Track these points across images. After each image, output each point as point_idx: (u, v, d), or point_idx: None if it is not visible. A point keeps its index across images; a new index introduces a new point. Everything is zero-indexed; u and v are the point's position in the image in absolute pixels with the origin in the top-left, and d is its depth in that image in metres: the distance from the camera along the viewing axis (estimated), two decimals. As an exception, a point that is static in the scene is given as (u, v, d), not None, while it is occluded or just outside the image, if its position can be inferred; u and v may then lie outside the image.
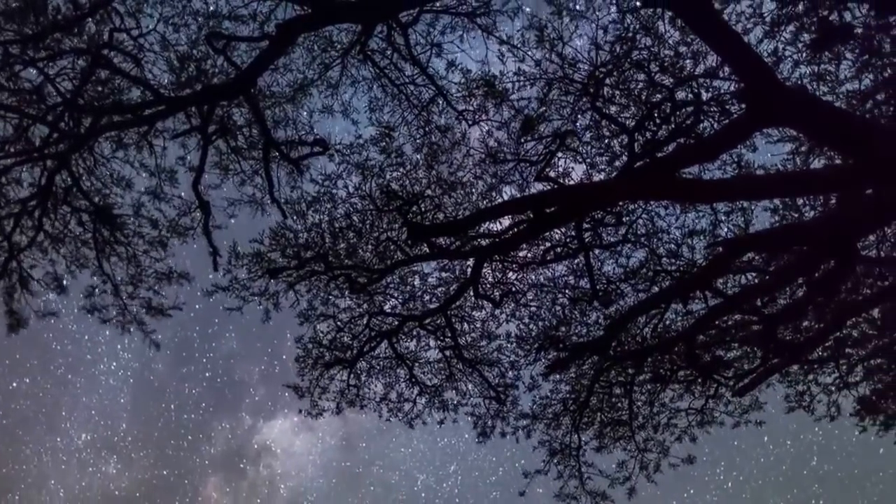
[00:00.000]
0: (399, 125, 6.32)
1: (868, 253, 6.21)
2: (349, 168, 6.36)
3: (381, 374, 7.57)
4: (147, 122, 6.09)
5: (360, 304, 7.19)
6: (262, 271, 6.93)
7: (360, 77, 6.18)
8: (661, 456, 7.53)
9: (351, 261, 6.81)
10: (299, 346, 7.38)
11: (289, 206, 6.55)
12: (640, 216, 6.44)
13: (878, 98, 5.61)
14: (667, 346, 6.82)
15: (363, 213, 6.61)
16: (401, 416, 7.74)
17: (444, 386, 7.57)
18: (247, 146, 6.45)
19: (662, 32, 5.52)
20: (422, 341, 7.40)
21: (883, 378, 6.84)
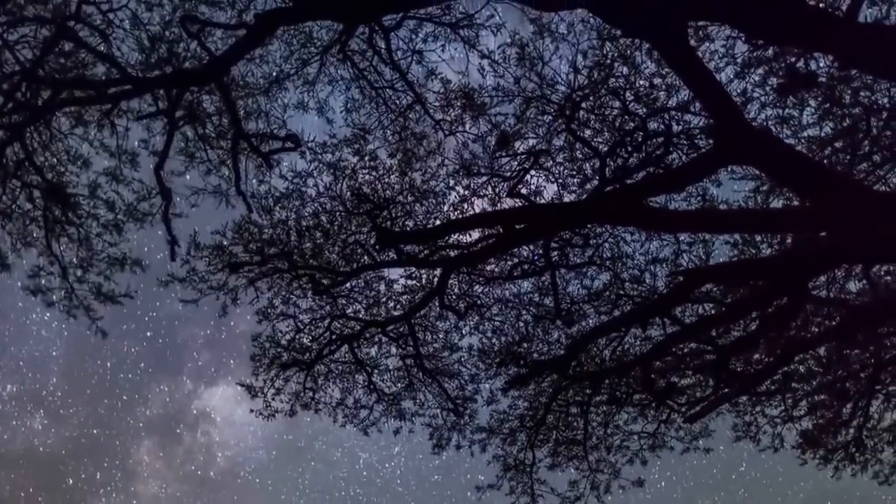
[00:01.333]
0: (375, 128, 6.28)
1: (818, 293, 6.46)
2: (320, 167, 6.27)
3: (339, 378, 7.43)
4: (111, 100, 5.87)
5: (322, 306, 7.06)
6: (223, 265, 6.74)
7: (338, 76, 6.12)
8: (611, 477, 7.61)
9: (316, 261, 6.68)
10: (256, 345, 7.20)
11: (255, 200, 6.39)
12: (606, 240, 6.54)
13: (836, 146, 5.86)
14: (624, 370, 6.92)
15: (332, 213, 6.51)
16: (356, 423, 7.61)
17: (402, 395, 7.49)
18: (215, 135, 6.28)
19: (639, 63, 5.66)
20: (383, 348, 7.31)
21: (825, 414, 7.10)
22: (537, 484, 7.58)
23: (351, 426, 7.54)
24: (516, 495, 7.63)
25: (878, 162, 5.95)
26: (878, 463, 7.33)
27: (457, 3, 5.57)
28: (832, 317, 6.47)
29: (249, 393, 7.43)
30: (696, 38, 5.57)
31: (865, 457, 7.28)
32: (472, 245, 6.41)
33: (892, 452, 7.25)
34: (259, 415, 7.58)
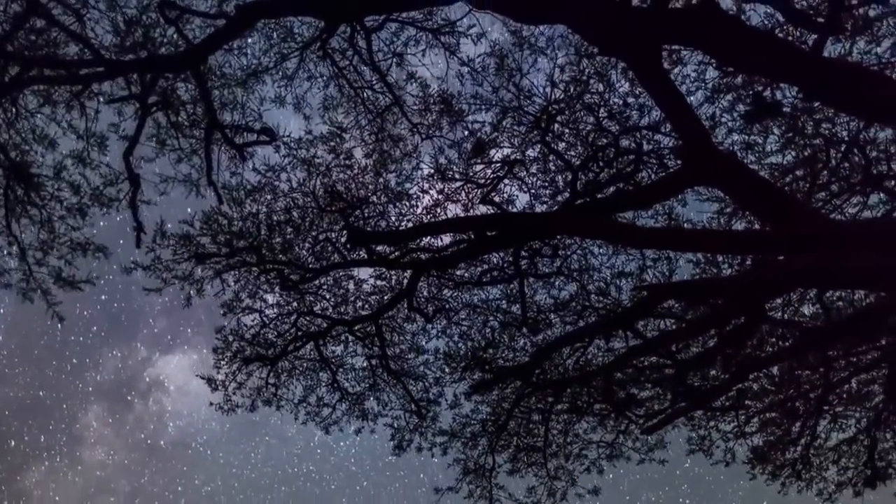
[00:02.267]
0: (351, 127, 6.28)
1: (774, 314, 6.69)
2: (295, 162, 6.24)
3: (303, 375, 7.39)
4: (82, 81, 5.74)
5: (289, 302, 7.02)
6: (189, 255, 6.65)
7: (317, 73, 6.11)
8: (568, 485, 7.72)
9: (285, 256, 6.65)
10: (219, 337, 7.11)
11: (226, 191, 6.33)
12: (574, 252, 6.66)
13: (796, 174, 6.09)
14: (586, 379, 7.04)
15: (304, 209, 6.49)
16: (318, 421, 7.57)
17: (365, 394, 7.48)
18: (188, 123, 6.19)
19: (614, 81, 5.80)
20: (349, 347, 7.30)
21: (775, 431, 7.34)
22: (496, 489, 7.65)
23: (312, 424, 7.50)
24: (475, 499, 7.69)
25: (835, 192, 6.20)
26: (823, 480, 7.61)
27: (439, 10, 5.63)
28: (786, 338, 6.69)
29: (210, 386, 7.34)
30: (670, 61, 5.73)
31: (811, 474, 7.55)
32: (444, 249, 6.47)
33: (836, 471, 7.55)
34: (219, 409, 7.51)
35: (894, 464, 7.40)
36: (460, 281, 6.85)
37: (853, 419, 7.24)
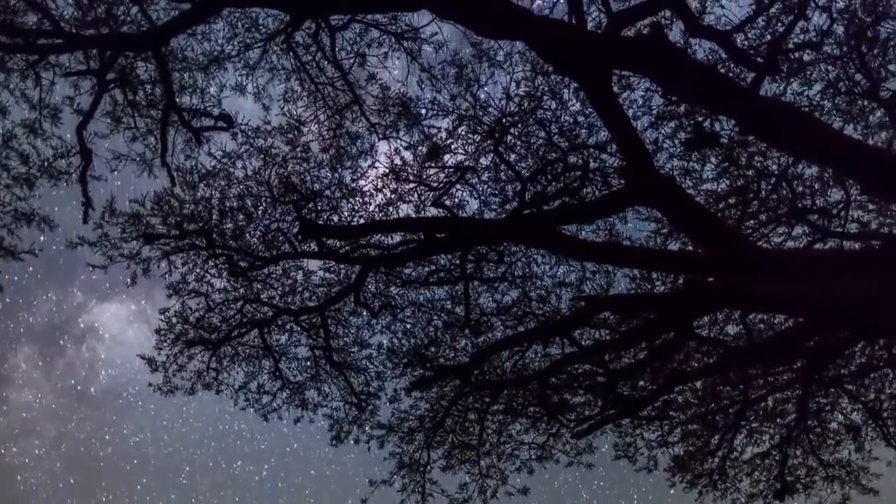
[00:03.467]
0: (310, 121, 6.36)
1: (701, 331, 7.08)
2: (251, 151, 6.29)
3: (246, 362, 7.43)
4: (39, 51, 5.67)
5: (236, 288, 7.05)
6: (138, 234, 6.62)
7: (280, 66, 6.17)
8: (499, 483, 7.99)
9: (235, 243, 6.68)
10: (162, 319, 7.09)
11: (179, 173, 6.33)
12: (519, 259, 6.91)
13: (729, 201, 6.48)
14: (522, 383, 7.31)
15: (257, 198, 6.54)
16: (257, 408, 7.63)
17: (307, 384, 7.57)
18: (146, 103, 6.17)
19: (566, 100, 6.06)
20: (293, 337, 7.38)
21: (696, 442, 7.77)
22: (429, 483, 7.85)
23: (251, 410, 7.55)
24: (407, 493, 7.88)
25: (763, 221, 6.63)
26: (736, 491, 8.10)
27: (404, 16, 5.78)
28: (710, 355, 7.10)
29: (150, 366, 7.31)
30: (619, 85, 6.02)
31: (726, 485, 8.02)
32: (393, 247, 6.61)
33: (749, 483, 8.04)
34: (158, 390, 7.48)
35: (802, 479, 7.93)
36: (407, 279, 7.01)
37: (767, 435, 7.73)
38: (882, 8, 5.48)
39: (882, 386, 7.22)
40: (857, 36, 5.56)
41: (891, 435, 7.39)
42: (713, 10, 5.54)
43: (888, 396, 7.25)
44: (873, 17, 5.55)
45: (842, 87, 5.82)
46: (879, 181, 5.67)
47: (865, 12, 5.53)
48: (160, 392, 7.52)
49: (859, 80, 5.74)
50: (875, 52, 5.67)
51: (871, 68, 5.67)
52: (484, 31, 5.69)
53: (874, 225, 6.45)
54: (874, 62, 5.70)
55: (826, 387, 7.27)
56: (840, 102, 5.96)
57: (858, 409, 7.38)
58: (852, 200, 6.30)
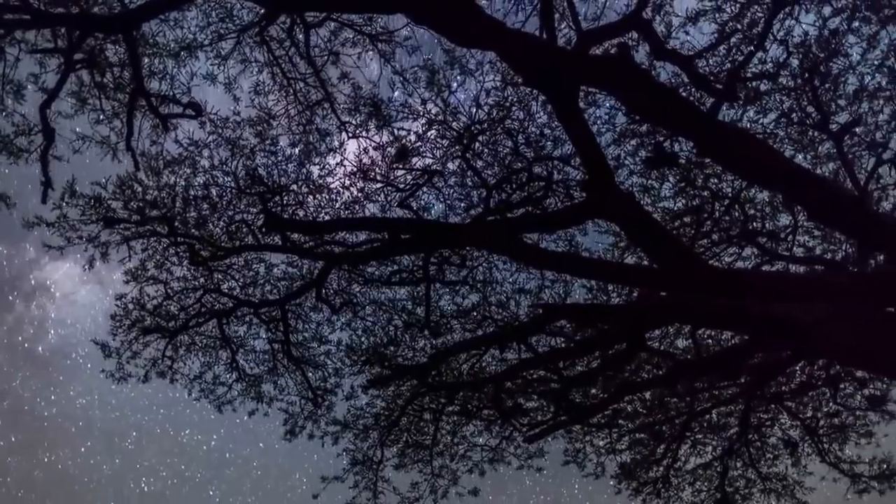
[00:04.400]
0: (280, 115, 6.36)
1: (652, 344, 7.32)
2: (219, 141, 6.26)
3: (202, 352, 7.38)
4: (5, 26, 5.55)
5: (196, 278, 7.00)
6: (98, 217, 6.52)
7: (252, 58, 6.16)
8: (450, 483, 8.10)
9: (197, 232, 6.63)
10: (118, 304, 7.00)
11: (144, 159, 6.26)
12: (481, 264, 7.03)
13: (684, 220, 6.72)
14: (478, 385, 7.43)
15: (223, 188, 6.51)
16: (211, 399, 7.58)
17: (263, 377, 7.55)
18: (113, 86, 6.09)
19: (534, 111, 6.21)
20: (252, 329, 7.36)
21: (642, 451, 8.02)
22: (381, 481, 7.91)
23: (206, 401, 7.50)
24: (359, 489, 7.93)
25: (715, 241, 6.89)
26: (679, 500, 8.37)
27: (379, 18, 5.83)
28: (660, 367, 7.34)
29: (103, 352, 7.20)
30: (586, 101, 6.19)
31: (669, 493, 8.29)
32: (357, 245, 6.67)
33: (691, 492, 8.32)
34: (110, 376, 7.37)
35: (741, 490, 8.25)
36: (370, 278, 7.07)
37: (710, 446, 8.02)
38: (834, 45, 5.77)
39: (819, 404, 7.57)
40: (810, 70, 5.84)
41: (825, 451, 7.75)
42: (678, 35, 5.75)
43: (824, 414, 7.61)
44: (826, 54, 5.84)
45: (794, 117, 6.10)
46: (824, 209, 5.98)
47: (819, 48, 5.81)
48: (113, 379, 7.41)
49: (811, 112, 6.03)
50: (826, 86, 5.96)
51: (822, 101, 5.96)
52: (457, 39, 5.79)
53: (818, 250, 6.77)
54: (825, 96, 5.99)
55: (767, 402, 7.58)
56: (792, 132, 6.24)
57: (796, 425, 7.73)
58: (799, 226, 6.61)
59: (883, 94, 5.89)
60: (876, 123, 6.04)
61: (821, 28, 5.65)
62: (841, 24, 5.64)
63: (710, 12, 5.57)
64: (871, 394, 7.23)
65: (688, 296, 6.45)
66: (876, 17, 5.63)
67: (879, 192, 6.24)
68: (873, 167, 6.09)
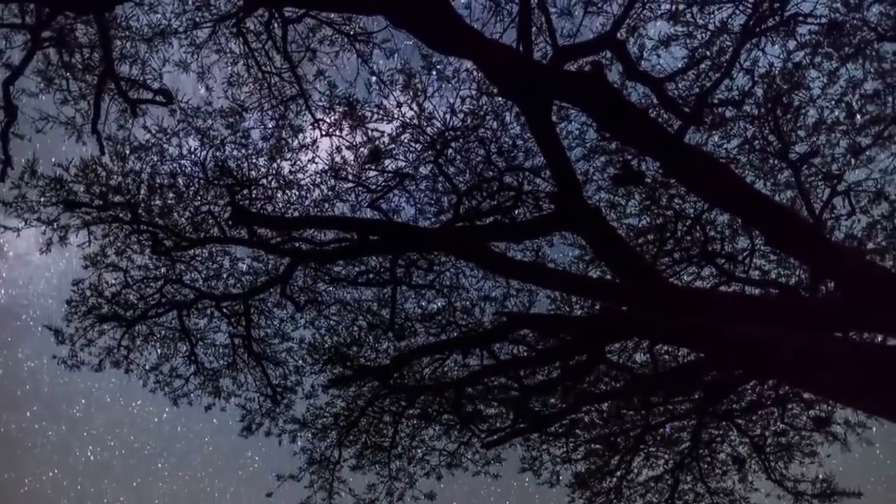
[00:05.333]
0: (253, 108, 6.31)
1: (611, 356, 7.46)
2: (189, 130, 6.17)
3: (160, 343, 7.24)
4: (-32, -3, 5.39)
5: (158, 267, 6.87)
6: (59, 199, 6.36)
7: (227, 49, 6.09)
8: (407, 486, 8.10)
9: (162, 221, 6.52)
10: (75, 290, 6.82)
11: (110, 143, 6.13)
12: (448, 269, 7.08)
13: (647, 237, 6.88)
14: (439, 390, 7.46)
15: (190, 178, 6.41)
16: (167, 391, 7.44)
17: (222, 372, 7.45)
18: (82, 67, 5.95)
19: (508, 122, 6.29)
20: (213, 322, 7.25)
21: (597, 461, 8.15)
22: (337, 482, 7.87)
23: (161, 393, 7.36)
24: (314, 489, 7.86)
25: (676, 259, 7.07)
26: (631, 510, 8.53)
27: (358, 18, 5.84)
28: (618, 379, 7.48)
29: (56, 338, 7.00)
30: (558, 115, 6.30)
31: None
32: (325, 244, 6.64)
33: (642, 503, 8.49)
34: (63, 363, 7.17)
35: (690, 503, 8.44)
36: (336, 277, 7.04)
37: (662, 459, 8.20)
38: (797, 78, 6.01)
39: (767, 423, 7.81)
40: (773, 100, 6.07)
41: (771, 469, 8.00)
42: (650, 57, 5.90)
43: (772, 433, 7.86)
44: (789, 85, 6.07)
45: (756, 144, 6.32)
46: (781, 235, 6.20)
47: (783, 80, 6.04)
48: (65, 366, 7.22)
49: (772, 141, 6.25)
50: (788, 116, 6.20)
51: (783, 131, 6.19)
52: (435, 45, 5.84)
53: (774, 274, 7.01)
54: (786, 126, 6.22)
55: (719, 419, 7.79)
56: (754, 158, 6.46)
57: (745, 442, 7.96)
58: (756, 249, 6.83)
59: (840, 128, 6.14)
60: (832, 156, 6.30)
61: (785, 61, 5.86)
62: (804, 59, 5.87)
63: (681, 38, 5.73)
64: (816, 415, 7.50)
65: (648, 311, 6.61)
66: (837, 55, 5.88)
67: (833, 221, 6.50)
68: (828, 197, 6.34)
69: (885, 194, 6.29)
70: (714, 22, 5.62)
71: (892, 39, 5.70)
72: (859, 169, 6.26)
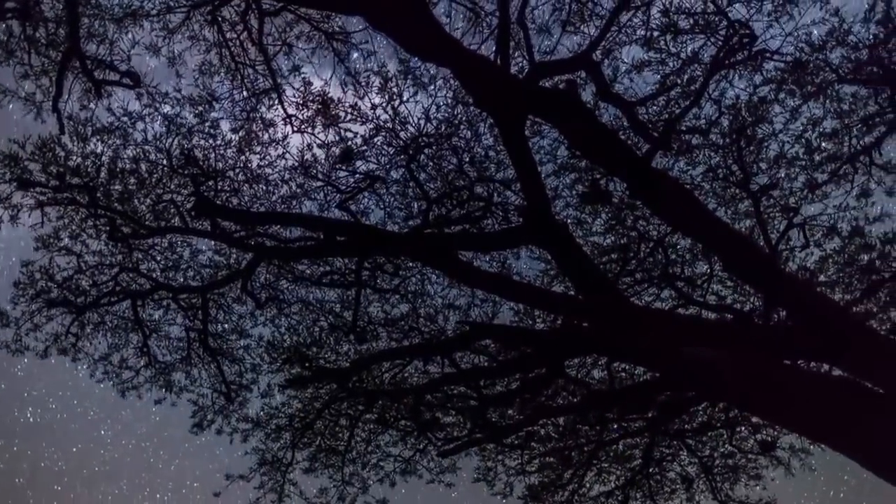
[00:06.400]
0: (224, 99, 6.19)
1: (570, 371, 7.54)
2: (155, 115, 6.01)
3: (111, 332, 7.00)
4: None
5: (114, 254, 6.65)
6: (12, 177, 6.11)
7: (201, 36, 5.97)
8: (359, 492, 8.00)
9: (121, 206, 6.33)
10: (24, 272, 6.55)
11: (71, 122, 5.92)
12: (414, 275, 7.05)
13: (611, 256, 7.00)
14: (398, 395, 7.41)
15: (154, 165, 6.24)
16: (116, 382, 7.19)
17: (175, 366, 7.25)
18: (46, 42, 5.74)
19: (481, 133, 6.33)
20: (169, 314, 7.05)
21: (550, 474, 8.21)
22: (289, 484, 7.72)
23: (109, 384, 7.11)
24: (265, 490, 7.70)
25: (638, 280, 7.21)
26: (580, 525, 8.61)
27: (337, 17, 5.80)
28: (575, 394, 7.56)
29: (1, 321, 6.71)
30: (531, 130, 6.37)
31: (572, 517, 8.51)
32: (290, 241, 6.55)
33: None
34: (6, 348, 6.87)
35: (639, 519, 8.57)
36: (300, 276, 6.95)
37: (614, 475, 8.31)
38: (761, 112, 6.22)
39: (716, 444, 8.01)
40: (738, 131, 6.26)
41: (718, 489, 8.19)
42: (623, 80, 6.02)
43: (720, 454, 8.06)
44: (754, 118, 6.28)
45: (720, 173, 6.51)
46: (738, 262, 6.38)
47: (748, 113, 6.24)
48: (8, 350, 6.92)
49: (735, 171, 6.44)
50: (751, 148, 6.40)
51: (745, 162, 6.38)
52: (413, 50, 5.84)
53: (730, 300, 7.20)
54: (749, 157, 6.42)
55: (670, 438, 7.95)
56: (716, 186, 6.65)
57: (694, 462, 8.13)
58: (715, 275, 7.01)
59: (799, 163, 6.37)
60: (791, 189, 6.52)
61: (751, 94, 6.06)
62: (769, 94, 6.07)
63: (654, 64, 5.87)
64: (762, 439, 7.72)
65: (607, 329, 6.72)
66: (800, 92, 6.11)
67: (788, 252, 6.72)
68: (784, 229, 6.56)
69: (838, 230, 6.54)
70: (686, 51, 5.77)
71: (851, 82, 5.95)
72: (815, 203, 6.50)
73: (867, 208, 6.37)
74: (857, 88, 5.99)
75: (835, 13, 5.58)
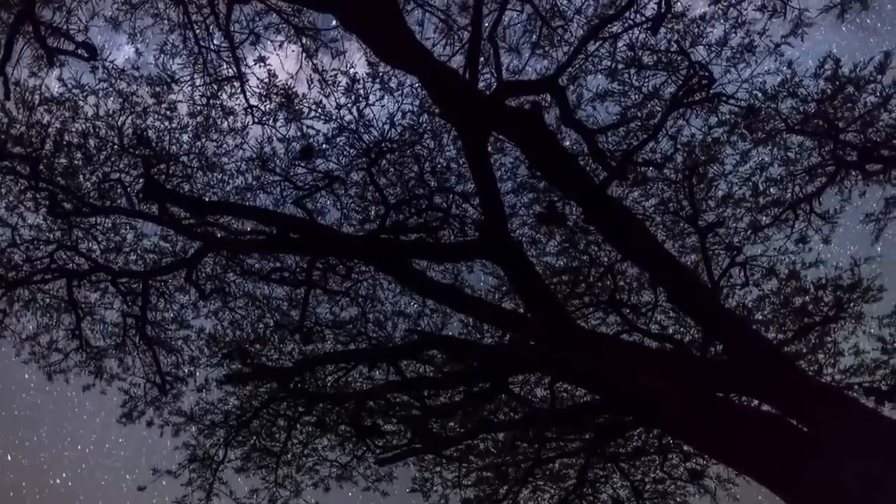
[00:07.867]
0: (184, 82, 6.03)
1: (513, 387, 7.60)
2: (110, 90, 5.80)
3: (42, 311, 6.68)
4: None
5: (52, 230, 6.36)
6: (-53, 140, 5.78)
7: (165, 16, 5.81)
8: (292, 495, 7.82)
9: (64, 181, 6.06)
10: (-50, 241, 6.19)
11: (18, 89, 5.65)
12: (366, 279, 7.00)
13: (563, 277, 7.12)
14: (340, 400, 7.31)
15: (104, 142, 6.02)
16: (42, 364, 6.85)
17: (108, 352, 6.96)
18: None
19: (445, 144, 6.36)
20: (106, 298, 6.78)
21: (486, 489, 8.23)
22: (219, 482, 7.49)
23: (35, 366, 6.77)
24: (193, 488, 7.45)
25: (586, 303, 7.35)
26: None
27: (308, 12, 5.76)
28: (517, 411, 7.62)
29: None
30: (494, 146, 6.44)
31: (504, 533, 8.54)
32: (241, 234, 6.40)
33: (523, 535, 8.63)
34: (-78, 318, 6.46)
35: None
36: (249, 270, 6.80)
37: (549, 494, 8.39)
38: (714, 152, 6.47)
39: (648, 469, 8.20)
40: (691, 168, 6.49)
41: (647, 513, 8.37)
42: (586, 108, 6.17)
43: (651, 479, 8.24)
44: (706, 157, 6.52)
45: (671, 206, 6.72)
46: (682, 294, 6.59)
47: (701, 151, 6.48)
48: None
49: (685, 206, 6.67)
50: (701, 186, 6.64)
51: (695, 198, 6.62)
52: (383, 55, 5.83)
53: (671, 330, 7.42)
54: (699, 194, 6.66)
55: (605, 460, 8.09)
56: (666, 220, 6.86)
57: (626, 485, 8.30)
58: (659, 304, 7.22)
59: (745, 205, 6.64)
60: (735, 228, 6.78)
61: (706, 134, 6.30)
62: (722, 135, 6.33)
63: (617, 95, 6.03)
64: (692, 467, 7.95)
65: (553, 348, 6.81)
66: (751, 137, 6.38)
67: (728, 289, 6.98)
68: (727, 266, 6.81)
69: (776, 272, 6.83)
70: (648, 86, 5.96)
71: (799, 132, 6.26)
72: (757, 244, 6.78)
73: (804, 254, 6.69)
74: (803, 139, 6.31)
75: (788, 65, 5.88)
